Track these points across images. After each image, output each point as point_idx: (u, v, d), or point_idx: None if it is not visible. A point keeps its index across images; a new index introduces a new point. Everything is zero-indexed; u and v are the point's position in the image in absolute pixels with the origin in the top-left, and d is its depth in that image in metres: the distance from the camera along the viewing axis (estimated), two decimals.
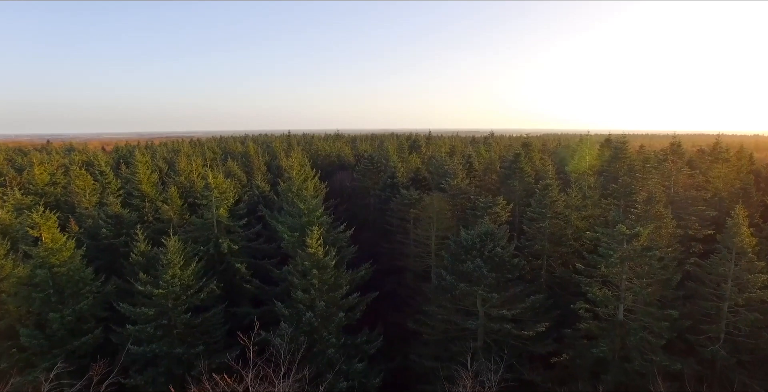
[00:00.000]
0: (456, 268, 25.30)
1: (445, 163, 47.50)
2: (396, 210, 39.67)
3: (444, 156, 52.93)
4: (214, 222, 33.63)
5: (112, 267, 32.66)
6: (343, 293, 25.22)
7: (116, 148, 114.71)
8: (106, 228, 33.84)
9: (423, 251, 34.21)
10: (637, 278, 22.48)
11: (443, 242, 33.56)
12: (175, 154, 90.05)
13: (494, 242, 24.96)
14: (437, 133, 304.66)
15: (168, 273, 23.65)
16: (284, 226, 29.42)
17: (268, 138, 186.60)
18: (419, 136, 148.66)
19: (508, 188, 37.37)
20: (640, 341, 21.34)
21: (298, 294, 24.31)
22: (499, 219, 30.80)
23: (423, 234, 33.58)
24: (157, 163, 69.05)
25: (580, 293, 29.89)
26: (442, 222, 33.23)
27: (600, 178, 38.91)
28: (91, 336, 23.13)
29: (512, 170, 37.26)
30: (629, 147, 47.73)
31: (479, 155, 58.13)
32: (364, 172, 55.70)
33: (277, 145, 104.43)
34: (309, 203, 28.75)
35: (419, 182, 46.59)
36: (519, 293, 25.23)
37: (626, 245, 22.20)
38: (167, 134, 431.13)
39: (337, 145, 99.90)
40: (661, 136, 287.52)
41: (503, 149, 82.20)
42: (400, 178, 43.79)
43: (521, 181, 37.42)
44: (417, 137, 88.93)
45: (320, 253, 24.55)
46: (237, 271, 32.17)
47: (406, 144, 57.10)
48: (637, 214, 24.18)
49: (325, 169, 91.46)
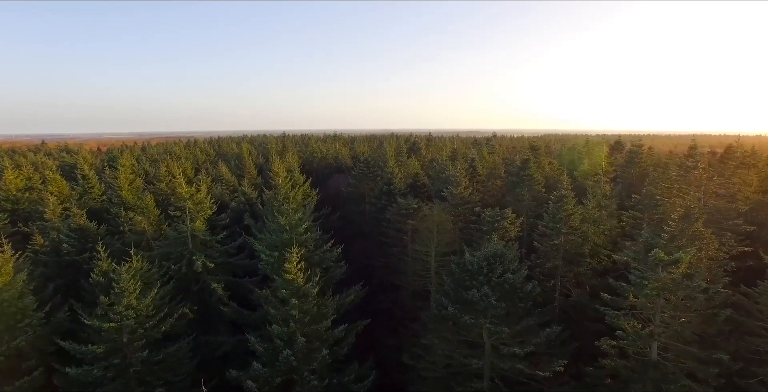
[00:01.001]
0: (459, 296, 21.58)
1: (446, 168, 43.80)
2: (392, 221, 35.97)
3: (445, 160, 49.20)
4: (188, 236, 29.91)
5: (75, 287, 29.00)
6: (327, 325, 21.52)
7: (108, 149, 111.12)
8: (68, 243, 30.13)
9: (421, 269, 30.49)
10: (674, 311, 18.77)
11: (444, 259, 29.85)
12: (169, 156, 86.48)
13: (504, 266, 21.24)
14: (437, 133, 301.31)
15: (122, 303, 19.94)
16: (262, 244, 25.69)
17: (266, 138, 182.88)
18: (419, 137, 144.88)
19: (516, 197, 33.67)
20: (681, 389, 17.60)
21: (274, 328, 20.62)
22: (507, 234, 27.07)
23: (422, 250, 29.87)
24: (144, 167, 65.32)
25: (599, 319, 26.14)
26: (443, 236, 29.52)
27: (617, 187, 35.16)
28: (28, 378, 19.43)
29: (520, 177, 33.54)
30: (646, 151, 43.97)
31: (482, 158, 54.38)
32: (359, 176, 51.95)
33: (272, 146, 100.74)
34: (291, 217, 25.03)
35: (418, 189, 42.87)
36: (532, 325, 21.50)
37: (663, 273, 18.45)
38: (167, 134, 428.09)
39: (334, 146, 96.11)
40: (663, 137, 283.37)
41: (506, 151, 78.47)
42: (397, 185, 40.10)
43: (530, 190, 33.70)
44: (416, 139, 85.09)
45: (300, 280, 20.84)
46: (213, 292, 28.48)
47: (404, 146, 53.35)
48: (671, 233, 20.48)
49: (321, 171, 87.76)
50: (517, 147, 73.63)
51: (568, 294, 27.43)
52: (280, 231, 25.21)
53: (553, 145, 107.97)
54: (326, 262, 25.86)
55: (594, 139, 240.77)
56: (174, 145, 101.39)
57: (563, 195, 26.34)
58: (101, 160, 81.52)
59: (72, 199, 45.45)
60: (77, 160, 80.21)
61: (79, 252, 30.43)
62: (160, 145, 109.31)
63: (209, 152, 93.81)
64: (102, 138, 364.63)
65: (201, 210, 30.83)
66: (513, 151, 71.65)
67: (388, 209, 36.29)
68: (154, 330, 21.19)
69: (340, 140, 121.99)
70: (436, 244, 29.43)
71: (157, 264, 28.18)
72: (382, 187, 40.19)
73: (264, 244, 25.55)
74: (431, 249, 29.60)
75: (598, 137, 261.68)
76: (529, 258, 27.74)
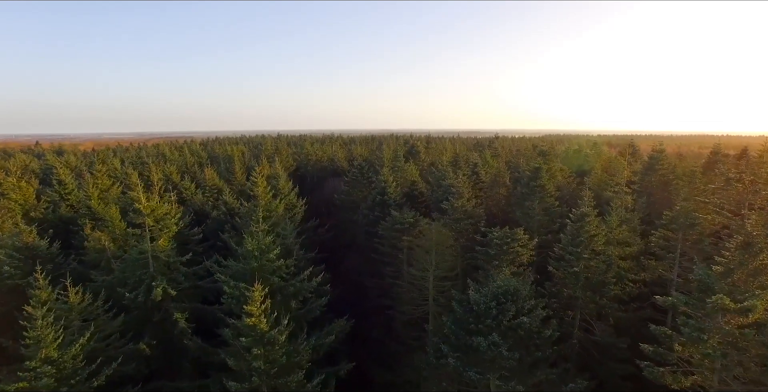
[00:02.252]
0: (461, 342, 17.33)
1: (446, 174, 39.50)
2: (386, 236, 31.73)
3: (445, 165, 44.86)
4: (149, 257, 25.67)
5: (14, 318, 24.82)
6: (299, 378, 17.28)
7: (95, 151, 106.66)
8: (10, 265, 25.89)
9: (418, 296, 26.23)
10: (738, 368, 14.52)
11: (443, 285, 25.63)
12: (159, 158, 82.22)
13: (517, 305, 16.99)
14: (437, 133, 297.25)
15: (37, 357, 15.70)
16: (227, 273, 21.45)
17: (263, 139, 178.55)
18: (418, 138, 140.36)
19: (525, 211, 29.37)
20: None
21: (231, 385, 16.38)
22: (518, 259, 22.77)
23: (418, 274, 25.61)
24: (126, 171, 60.89)
25: (625, 359, 21.99)
26: (443, 258, 25.27)
27: (641, 199, 30.77)
28: None
29: (531, 188, 29.26)
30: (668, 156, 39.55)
31: (485, 163, 50.02)
32: (352, 182, 47.76)
33: (267, 147, 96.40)
34: (261, 241, 20.78)
35: (415, 199, 38.62)
36: (552, 379, 17.26)
37: (724, 322, 14.18)
38: (167, 134, 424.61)
39: (331, 148, 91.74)
40: (665, 137, 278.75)
41: (509, 154, 74.10)
42: (391, 194, 35.80)
43: (542, 202, 29.40)
44: (415, 141, 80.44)
45: (264, 326, 16.58)
46: (175, 324, 24.27)
47: (401, 150, 48.89)
48: (726, 266, 16.22)
49: (316, 174, 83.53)
50: (521, 150, 69.13)
51: (589, 328, 23.19)
52: (248, 258, 20.96)
53: (558, 147, 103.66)
54: (303, 293, 21.60)
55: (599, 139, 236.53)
56: (165, 147, 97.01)
57: (584, 213, 22.04)
58: (88, 163, 77.39)
59: (41, 208, 41.30)
60: (61, 163, 76.13)
61: (23, 275, 26.21)
62: (154, 147, 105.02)
63: (201, 154, 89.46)
64: (102, 138, 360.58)
65: (165, 226, 26.62)
66: (517, 154, 67.28)
67: (381, 223, 32.03)
68: (85, 385, 16.93)
69: (336, 142, 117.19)
70: (434, 268, 25.19)
71: (115, 290, 24.21)
72: (375, 197, 35.91)
73: (229, 273, 21.27)
74: (429, 273, 25.35)
75: (603, 138, 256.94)
76: (542, 286, 23.50)
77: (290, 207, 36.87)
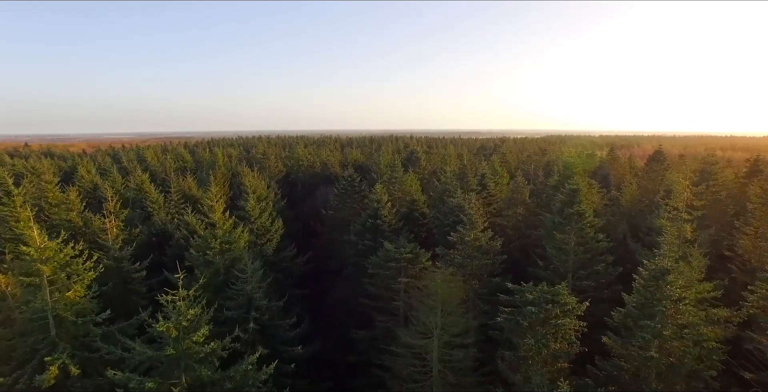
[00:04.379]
0: None
1: (452, 190, 32.14)
2: (378, 275, 24.41)
3: (450, 177, 37.47)
4: (49, 317, 18.37)
5: None
6: None
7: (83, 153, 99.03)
8: None
9: (419, 366, 18.88)
10: None
11: (451, 355, 18.34)
12: (138, 163, 74.78)
13: None
14: (437, 133, 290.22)
15: None
16: (128, 365, 14.12)
17: (259, 141, 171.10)
18: (417, 141, 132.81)
19: (558, 246, 21.99)
20: None
21: None
22: (565, 334, 15.43)
23: (417, 342, 18.30)
24: (95, 180, 53.35)
25: None
26: (452, 319, 18.01)
27: (707, 231, 23.30)
28: None
29: (566, 216, 21.84)
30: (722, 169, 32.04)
31: (494, 172, 42.59)
32: (342, 196, 40.37)
33: (258, 150, 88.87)
34: (184, 314, 13.45)
35: (415, 221, 31.30)
36: None
37: None
38: (168, 135, 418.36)
39: (324, 152, 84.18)
40: (667, 138, 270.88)
41: (517, 159, 66.64)
42: (386, 217, 28.48)
43: (579, 233, 22.04)
44: (414, 146, 72.52)
45: None
46: None
47: (399, 159, 41.23)
48: None
49: (307, 181, 76.10)
50: (531, 156, 61.12)
51: None
52: (163, 341, 13.65)
53: (568, 150, 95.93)
54: (250, 389, 14.26)
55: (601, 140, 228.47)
56: (149, 150, 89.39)
57: (665, 269, 14.65)
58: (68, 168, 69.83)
59: None
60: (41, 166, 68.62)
61: None
62: (133, 151, 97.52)
63: (186, 158, 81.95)
64: (103, 138, 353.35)
65: (75, 272, 19.31)
66: (528, 160, 59.80)
67: (369, 259, 24.67)
68: None
69: (330, 144, 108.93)
70: (439, 330, 17.93)
71: None
72: (366, 221, 28.55)
73: (133, 363, 13.96)
74: (432, 338, 18.06)
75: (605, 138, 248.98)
76: (590, 361, 16.19)
77: (262, 232, 29.48)
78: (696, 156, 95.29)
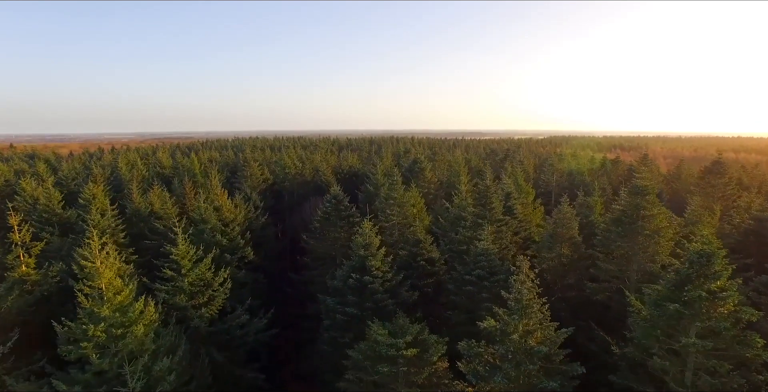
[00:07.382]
0: None
1: (469, 225, 22.54)
2: (360, 368, 14.90)
3: (464, 199, 27.78)
4: None
5: None
6: None
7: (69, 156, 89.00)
8: None
9: None
10: None
11: None
12: (111, 169, 64.97)
13: None
14: (439, 134, 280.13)
15: None
16: None
17: (257, 141, 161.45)
18: (420, 144, 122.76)
19: (671, 349, 12.47)
20: None
21: None
22: None
23: None
24: (63, 190, 43.44)
25: None
26: None
27: None
28: None
29: (687, 301, 12.38)
30: None
31: (521, 192, 32.76)
32: (325, 221, 30.62)
33: (248, 154, 79.15)
34: None
35: (420, 270, 21.55)
36: None
37: None
38: (168, 135, 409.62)
39: (316, 157, 74.30)
40: (673, 139, 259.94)
41: (534, 168, 56.71)
42: (378, 269, 18.91)
43: (707, 324, 12.58)
44: (417, 153, 62.05)
45: None
46: None
47: (399, 172, 31.27)
48: None
49: (295, 191, 66.38)
50: (555, 166, 50.42)
51: None
52: None
53: (581, 153, 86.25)
54: None
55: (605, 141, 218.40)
56: (123, 155, 79.48)
57: None
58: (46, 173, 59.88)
59: None
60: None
61: None
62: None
63: (165, 165, 72.16)
64: (103, 138, 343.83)
65: None
66: (548, 169, 49.95)
67: (353, 347, 15.12)
68: None
69: (323, 148, 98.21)
70: None
71: None
72: (348, 278, 18.83)
73: None
74: None
75: (609, 139, 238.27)
76: None
77: (199, 289, 19.74)
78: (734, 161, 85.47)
